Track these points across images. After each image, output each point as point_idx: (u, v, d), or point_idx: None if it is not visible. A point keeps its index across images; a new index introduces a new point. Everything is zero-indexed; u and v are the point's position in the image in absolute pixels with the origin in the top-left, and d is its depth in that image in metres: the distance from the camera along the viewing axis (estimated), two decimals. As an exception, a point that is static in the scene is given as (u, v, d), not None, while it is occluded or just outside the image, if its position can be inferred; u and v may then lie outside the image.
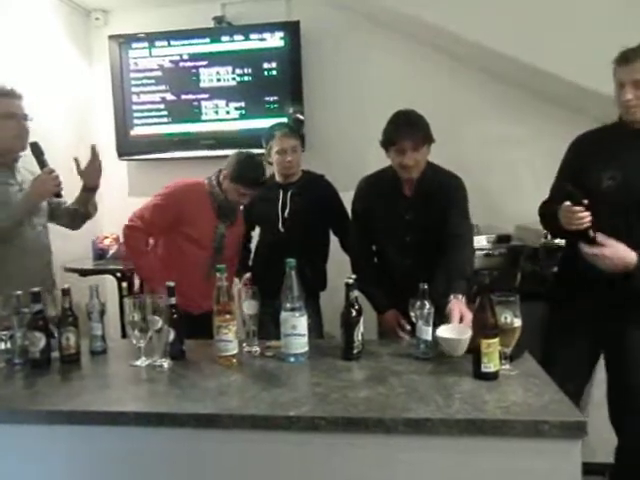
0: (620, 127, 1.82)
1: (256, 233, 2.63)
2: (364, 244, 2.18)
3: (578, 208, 1.68)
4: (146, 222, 2.14)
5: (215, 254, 2.19)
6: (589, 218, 1.69)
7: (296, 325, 1.59)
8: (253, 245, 2.63)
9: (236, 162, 2.19)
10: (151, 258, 2.18)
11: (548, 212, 1.89)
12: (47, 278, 2.09)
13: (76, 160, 2.10)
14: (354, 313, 1.60)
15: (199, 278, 2.11)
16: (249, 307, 1.71)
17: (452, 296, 1.83)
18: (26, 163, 2.11)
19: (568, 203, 1.69)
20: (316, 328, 2.36)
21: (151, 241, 2.26)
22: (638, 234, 1.74)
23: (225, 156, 3.26)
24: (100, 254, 3.14)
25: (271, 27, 3.24)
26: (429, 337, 1.60)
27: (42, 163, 2.02)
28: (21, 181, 2.08)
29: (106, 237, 3.25)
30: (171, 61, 3.35)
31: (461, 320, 1.72)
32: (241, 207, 2.31)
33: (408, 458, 1.25)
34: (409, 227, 2.06)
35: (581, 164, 1.86)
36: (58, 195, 2.04)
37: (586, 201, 1.68)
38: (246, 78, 3.29)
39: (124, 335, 2.02)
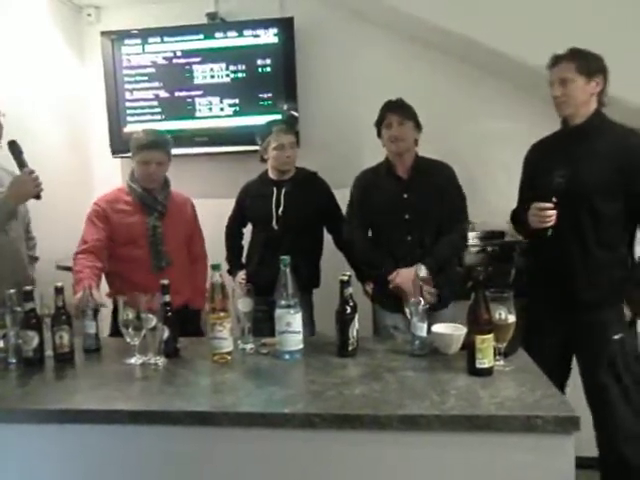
0: (563, 128, 1.98)
1: (247, 230, 2.62)
2: (364, 233, 2.23)
3: (548, 205, 1.83)
4: (87, 241, 2.16)
5: (154, 249, 2.18)
6: (554, 217, 1.83)
7: (291, 322, 1.59)
8: (245, 242, 2.62)
9: (130, 140, 2.25)
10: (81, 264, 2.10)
11: (518, 213, 2.08)
12: (21, 285, 1.91)
13: None
14: (349, 310, 1.61)
15: (147, 278, 2.04)
16: (243, 304, 1.71)
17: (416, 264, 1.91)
18: (3, 162, 2.03)
19: (537, 203, 1.85)
20: (309, 323, 2.36)
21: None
22: (589, 228, 1.86)
23: (219, 153, 3.30)
24: (94, 252, 3.12)
25: (265, 23, 3.22)
26: (424, 334, 1.61)
27: (21, 163, 1.93)
28: None
29: (100, 235, 3.23)
30: (164, 58, 3.32)
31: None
32: (163, 194, 2.25)
33: (403, 454, 1.25)
34: (407, 205, 2.15)
35: (536, 172, 2.02)
36: (38, 197, 1.95)
37: (555, 199, 1.83)
38: (240, 75, 3.27)
39: (114, 333, 2.01)
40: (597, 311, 1.87)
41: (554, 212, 1.83)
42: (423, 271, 1.84)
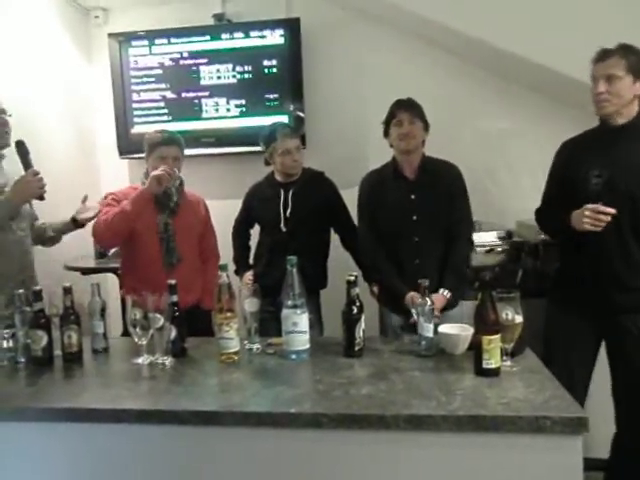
0: (601, 127, 1.90)
1: (254, 231, 2.62)
2: (373, 237, 2.20)
3: (610, 210, 1.74)
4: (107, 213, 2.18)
5: (165, 246, 2.21)
6: (606, 222, 1.75)
7: (297, 322, 1.59)
8: (253, 243, 2.63)
9: (143, 140, 2.30)
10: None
11: (551, 213, 2.00)
12: (27, 284, 1.94)
13: (85, 197, 2.15)
14: (355, 310, 1.61)
15: (159, 274, 2.10)
16: (250, 305, 1.71)
17: (441, 290, 2.03)
18: (11, 164, 2.03)
19: (594, 205, 1.75)
20: (317, 325, 2.37)
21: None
22: (625, 230, 1.81)
23: (226, 154, 3.31)
24: (101, 252, 3.14)
25: (271, 24, 3.23)
26: (430, 334, 1.61)
27: (27, 163, 1.95)
28: (4, 183, 2.00)
29: (108, 236, 3.25)
30: (171, 59, 3.34)
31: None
32: (175, 190, 2.27)
33: (410, 454, 1.25)
34: (415, 207, 2.14)
35: (568, 168, 1.94)
36: (41, 198, 1.97)
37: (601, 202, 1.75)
38: (246, 75, 3.28)
39: (126, 333, 2.03)
40: (634, 314, 1.82)
41: (610, 217, 1.75)
42: (446, 295, 2.04)
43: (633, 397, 1.85)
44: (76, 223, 2.15)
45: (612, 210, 1.74)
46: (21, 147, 1.96)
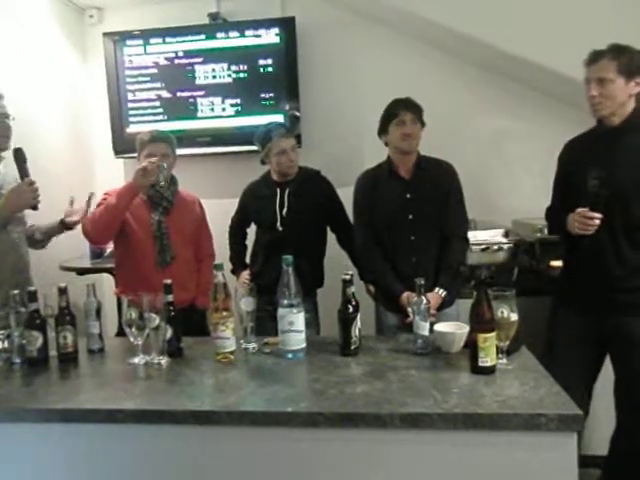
0: (598, 128, 1.90)
1: (251, 230, 2.62)
2: (369, 236, 2.20)
3: (597, 215, 1.76)
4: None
5: (159, 244, 2.22)
6: (596, 226, 1.77)
7: (293, 321, 1.60)
8: (249, 242, 2.63)
9: (135, 141, 2.31)
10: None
11: (554, 214, 2.02)
12: (22, 285, 1.90)
13: (72, 199, 2.16)
14: (351, 309, 1.61)
15: (153, 273, 2.14)
16: (246, 304, 1.71)
17: (436, 288, 2.05)
18: (10, 168, 2.02)
19: (583, 209, 1.78)
20: (314, 324, 2.37)
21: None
22: (620, 230, 1.82)
23: (221, 153, 3.31)
24: (97, 253, 3.13)
25: (266, 23, 3.23)
26: (426, 332, 1.61)
27: (23, 172, 1.94)
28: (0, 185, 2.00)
29: (103, 235, 3.24)
30: (166, 58, 3.33)
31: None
32: (169, 190, 2.28)
33: (406, 453, 1.26)
34: (411, 206, 2.14)
35: (569, 170, 1.95)
36: (35, 208, 1.96)
37: (599, 207, 1.77)
38: (242, 75, 3.27)
39: (121, 333, 2.02)
40: (633, 315, 1.83)
41: (599, 221, 1.76)
42: (440, 294, 2.04)
43: (632, 399, 1.87)
44: (64, 225, 2.16)
45: (598, 215, 1.76)
46: (19, 154, 1.95)
